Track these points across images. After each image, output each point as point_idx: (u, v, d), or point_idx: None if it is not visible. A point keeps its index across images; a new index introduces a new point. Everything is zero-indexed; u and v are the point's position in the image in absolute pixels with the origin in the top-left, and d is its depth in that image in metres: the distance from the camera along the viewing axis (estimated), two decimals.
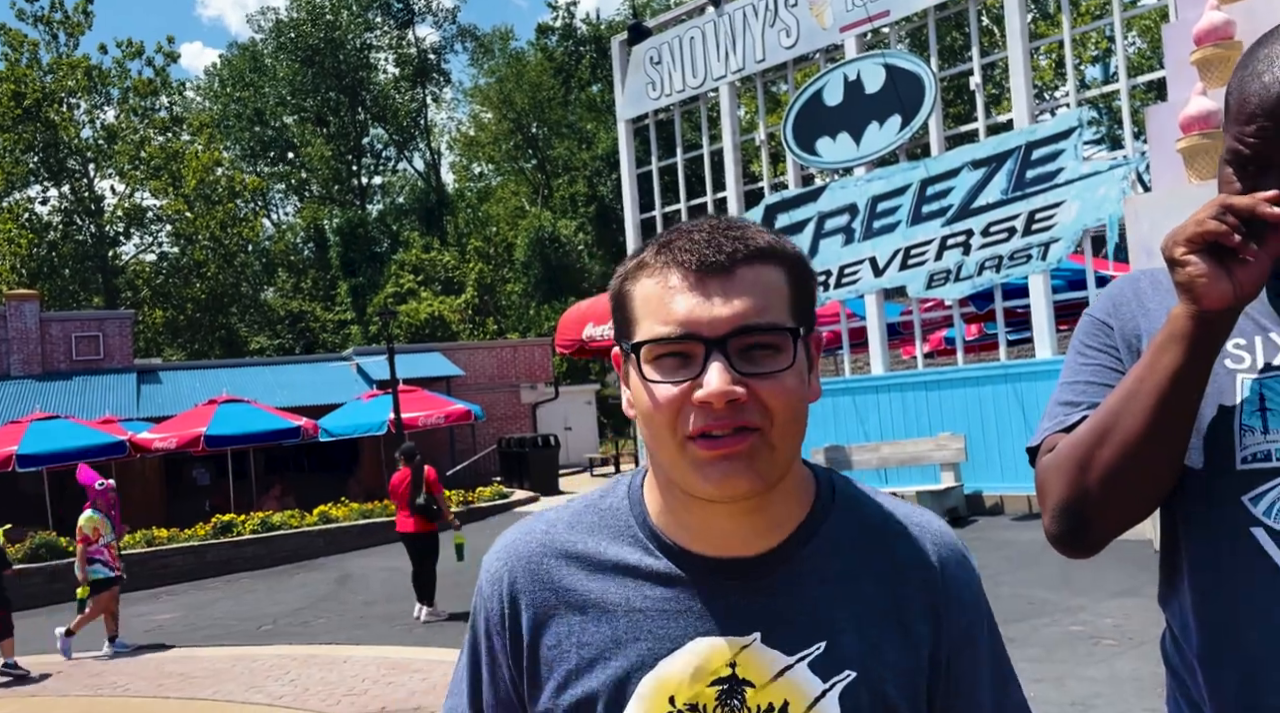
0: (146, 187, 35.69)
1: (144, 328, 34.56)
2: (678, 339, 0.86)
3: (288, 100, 40.96)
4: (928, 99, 11.23)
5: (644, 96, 14.19)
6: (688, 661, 0.89)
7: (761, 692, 0.88)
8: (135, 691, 6.94)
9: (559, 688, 0.92)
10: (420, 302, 32.58)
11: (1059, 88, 26.70)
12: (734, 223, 0.90)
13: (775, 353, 0.86)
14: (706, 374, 0.84)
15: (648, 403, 0.88)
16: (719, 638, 0.89)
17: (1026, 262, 10.33)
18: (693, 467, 0.86)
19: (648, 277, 0.89)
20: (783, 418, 0.86)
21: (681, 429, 0.85)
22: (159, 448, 15.98)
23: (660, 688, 0.89)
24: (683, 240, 0.88)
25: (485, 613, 0.98)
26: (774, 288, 0.88)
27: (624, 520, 0.96)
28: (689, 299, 0.86)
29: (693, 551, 0.92)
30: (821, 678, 0.89)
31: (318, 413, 18.00)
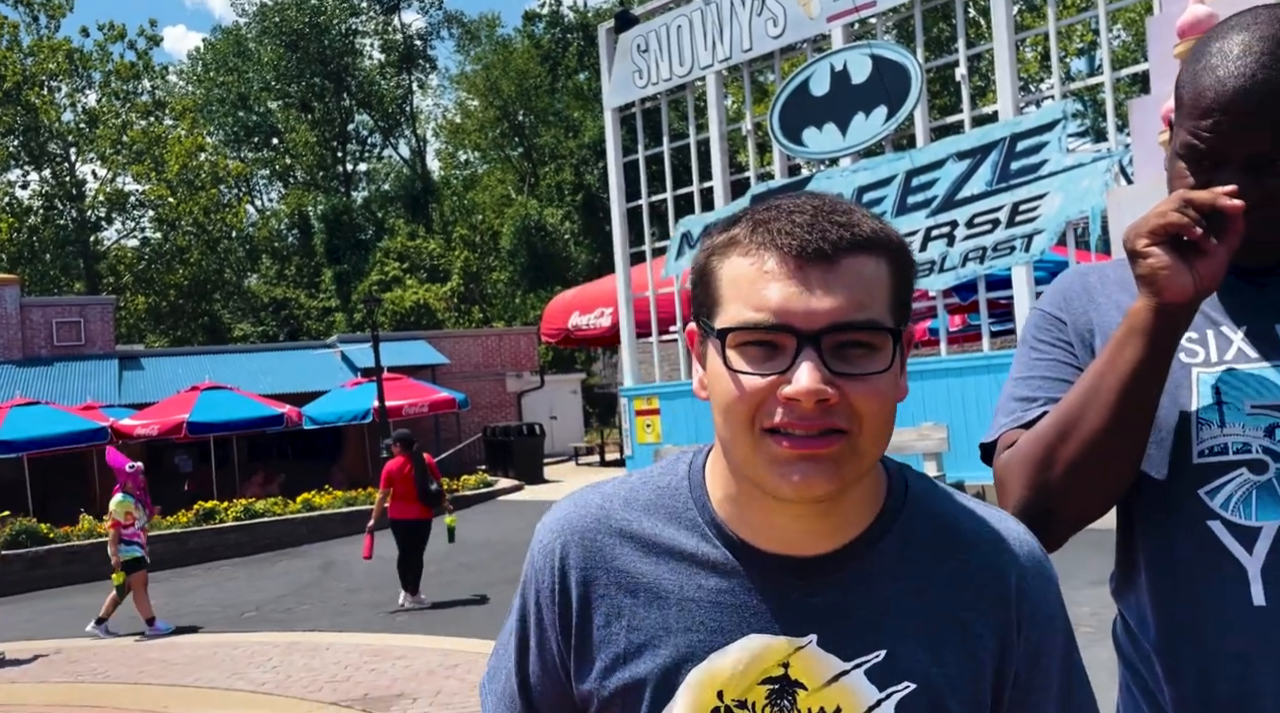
0: (128, 171, 35.38)
1: (126, 314, 34.30)
2: (769, 328, 0.80)
3: (272, 85, 40.63)
4: (914, 90, 11.25)
5: (631, 85, 14.16)
6: (739, 657, 0.85)
7: (814, 695, 0.85)
8: (116, 677, 6.92)
9: (606, 670, 0.89)
10: (405, 289, 32.46)
11: (1044, 80, 26.79)
12: (838, 205, 0.84)
13: (872, 353, 0.81)
14: (797, 370, 0.78)
15: (730, 391, 0.82)
16: (774, 637, 0.86)
17: (1010, 253, 10.38)
18: (769, 464, 0.81)
19: (741, 255, 0.83)
20: (873, 423, 0.81)
21: (761, 422, 0.80)
22: (141, 435, 15.89)
23: (709, 681, 0.85)
24: (783, 221, 0.82)
25: (536, 584, 0.94)
26: (876, 281, 0.82)
27: (683, 503, 0.91)
28: (785, 287, 0.80)
29: (754, 545, 0.87)
30: (879, 687, 0.85)
31: (301, 400, 17.94)
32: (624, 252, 14.52)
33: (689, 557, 0.89)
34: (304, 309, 37.27)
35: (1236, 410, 1.08)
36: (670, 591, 0.88)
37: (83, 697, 6.40)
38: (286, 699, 5.91)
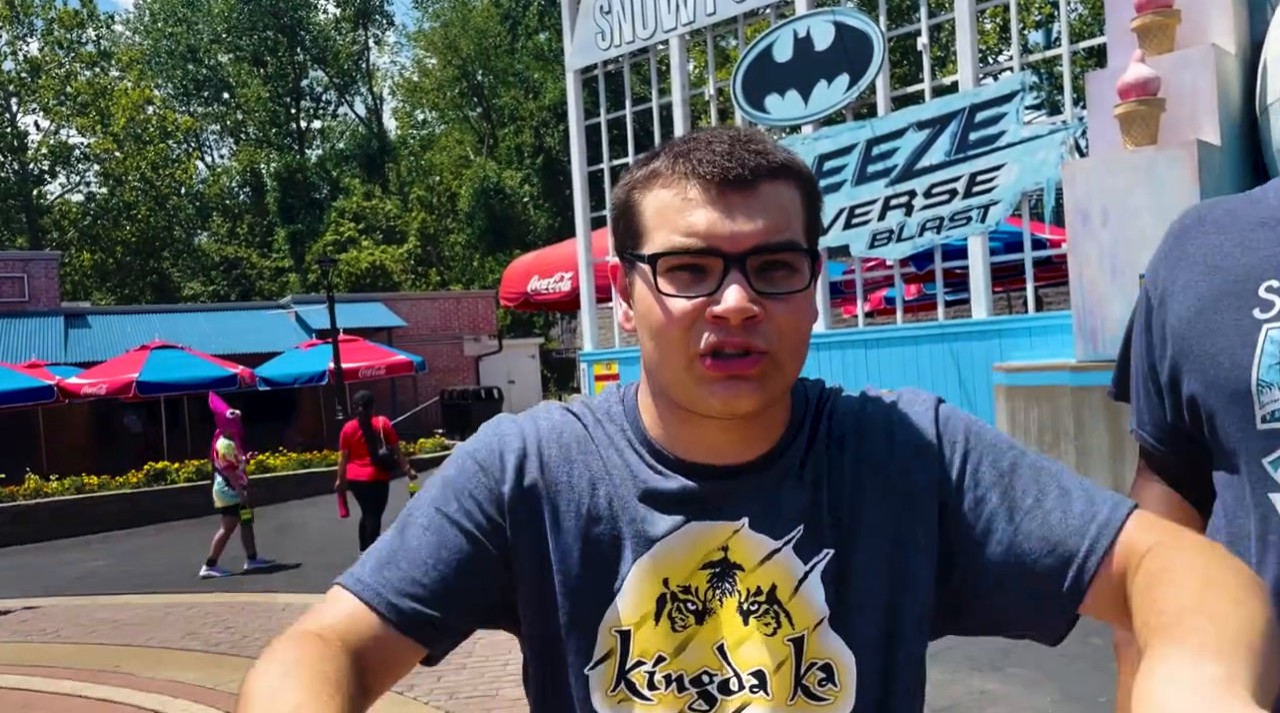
0: (73, 124, 34.29)
1: (71, 271, 33.42)
2: (698, 252, 0.83)
3: (223, 38, 39.48)
4: (876, 58, 11.28)
5: (593, 47, 14.01)
6: (681, 544, 0.90)
7: (750, 575, 0.90)
8: (66, 637, 6.85)
9: (558, 564, 0.91)
10: (361, 251, 32.00)
11: (1002, 52, 26.98)
12: (752, 135, 0.88)
13: (791, 273, 0.85)
14: (725, 290, 0.83)
15: (659, 316, 0.86)
16: (712, 522, 0.90)
17: (966, 223, 10.51)
18: (699, 383, 0.85)
19: (663, 187, 0.86)
20: (793, 340, 0.85)
21: (693, 346, 0.84)
22: (88, 394, 15.56)
23: (654, 570, 0.89)
24: (703, 151, 0.85)
25: (474, 470, 0.93)
26: (792, 206, 0.86)
27: (619, 425, 0.96)
28: (710, 212, 0.83)
29: (688, 459, 0.92)
30: (803, 560, 0.90)
31: (254, 361, 17.68)
32: (585, 216, 14.46)
33: (629, 464, 0.93)
34: (256, 269, 36.58)
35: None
36: (612, 487, 0.92)
37: (34, 656, 6.32)
38: (242, 659, 5.89)
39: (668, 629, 0.89)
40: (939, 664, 4.61)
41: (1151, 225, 7.18)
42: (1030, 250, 10.07)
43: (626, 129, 13.87)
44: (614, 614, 0.90)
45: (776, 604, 0.89)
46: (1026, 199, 10.18)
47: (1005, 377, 9.04)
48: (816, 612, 0.89)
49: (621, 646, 0.90)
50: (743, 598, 0.89)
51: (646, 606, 0.90)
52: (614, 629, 0.90)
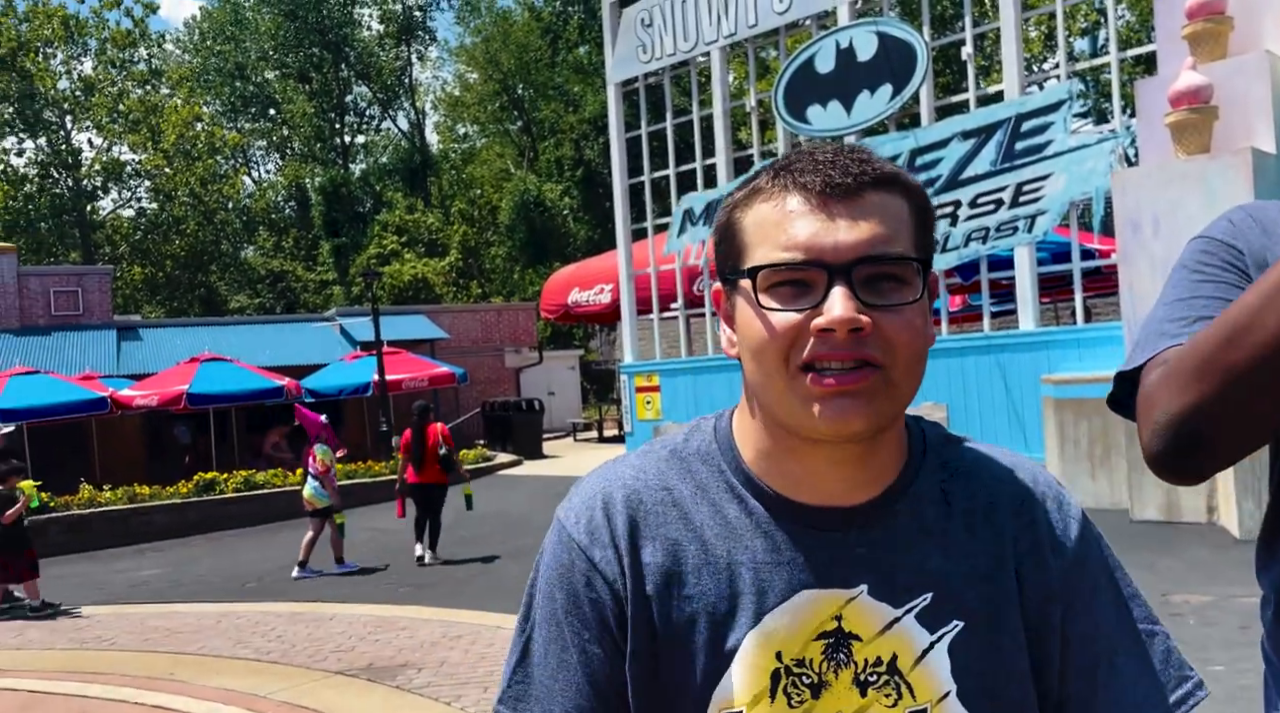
0: (125, 140, 35.17)
1: (122, 284, 34.21)
2: (799, 265, 0.79)
3: (269, 55, 40.32)
4: (919, 68, 11.21)
5: (634, 60, 14.08)
6: (793, 615, 0.84)
7: (869, 645, 0.85)
8: (121, 644, 6.98)
9: (662, 643, 0.86)
10: (404, 263, 32.40)
11: (1047, 59, 26.66)
12: (857, 146, 0.84)
13: (901, 285, 0.80)
14: (829, 301, 0.77)
15: (761, 332, 0.81)
16: (824, 590, 0.85)
17: (1013, 233, 10.39)
18: (804, 401, 0.79)
19: (763, 202, 0.83)
20: (906, 355, 0.80)
21: (795, 360, 0.79)
22: (140, 405, 15.90)
23: (767, 644, 0.84)
24: (804, 162, 0.82)
25: (576, 565, 0.88)
26: (900, 217, 0.82)
27: (715, 465, 0.89)
28: (811, 223, 0.80)
29: (793, 499, 0.86)
30: (929, 630, 0.85)
31: (300, 373, 17.95)
32: (625, 228, 14.50)
33: (731, 520, 0.87)
34: (301, 282, 37.20)
35: None
36: (718, 555, 0.86)
37: (90, 663, 6.45)
38: (291, 668, 5.97)
39: (784, 707, 0.84)
40: None
41: None
42: (1079, 261, 9.93)
43: (667, 141, 13.94)
44: (724, 694, 0.85)
45: (897, 675, 0.85)
46: (1075, 209, 10.04)
47: (1054, 389, 8.90)
48: (941, 685, 0.84)
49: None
50: (860, 669, 0.84)
51: (760, 683, 0.84)
52: (725, 711, 0.85)
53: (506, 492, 14.11)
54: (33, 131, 34.43)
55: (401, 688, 5.38)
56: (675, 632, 0.85)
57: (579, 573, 0.88)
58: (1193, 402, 0.91)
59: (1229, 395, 0.89)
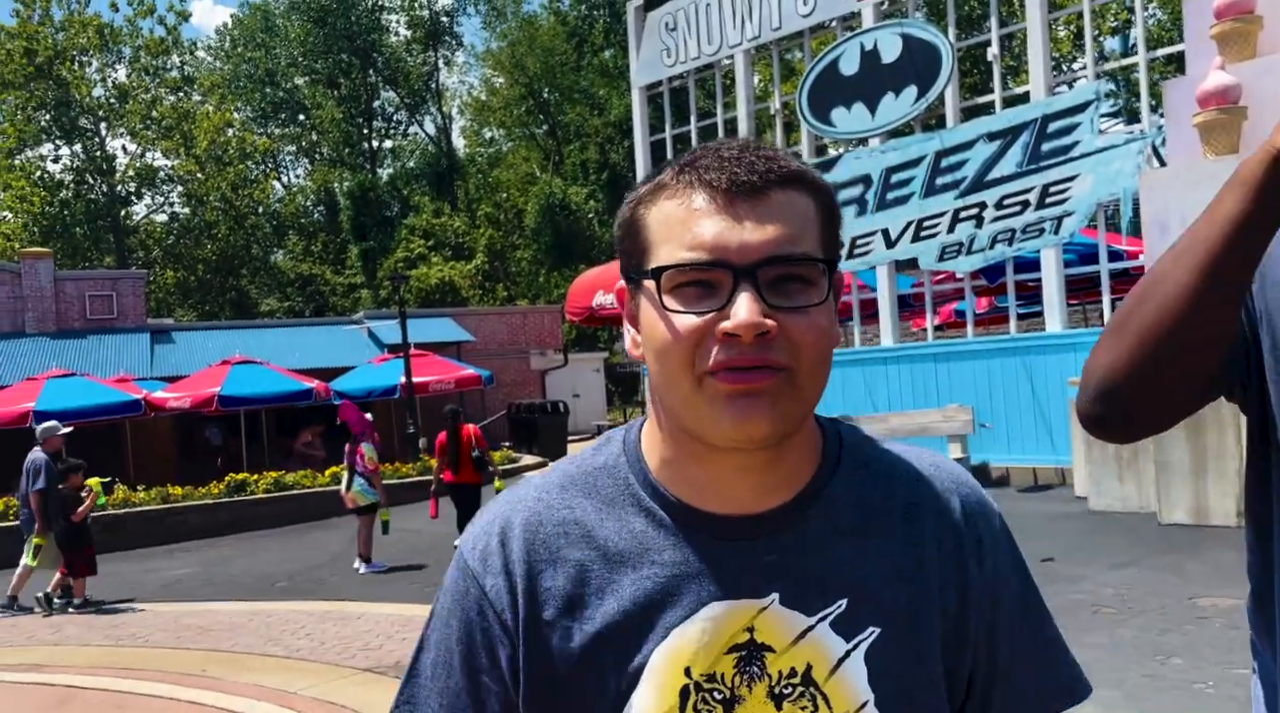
0: (158, 147, 35.73)
1: (155, 288, 34.73)
2: (704, 265, 0.77)
3: (299, 61, 40.79)
4: (944, 70, 11.18)
5: (659, 63, 14.14)
6: (703, 628, 0.81)
7: (783, 656, 0.82)
8: (155, 642, 7.12)
9: (566, 668, 0.83)
10: (430, 267, 32.66)
11: (1077, 59, 26.42)
12: (764, 144, 0.82)
13: (807, 286, 0.79)
14: (734, 304, 0.76)
15: (665, 335, 0.78)
16: (734, 601, 0.82)
17: (1039, 235, 10.33)
18: (709, 403, 0.77)
19: (668, 198, 0.80)
20: (811, 357, 0.78)
21: (700, 364, 0.77)
22: (173, 407, 16.15)
23: (675, 659, 0.81)
24: (709, 158, 0.80)
25: (473, 597, 0.87)
26: (807, 216, 0.80)
27: (622, 479, 0.87)
28: (717, 222, 0.77)
29: (701, 508, 0.84)
30: (845, 637, 0.82)
31: (329, 375, 18.16)
32: None
33: (637, 534, 0.85)
34: (330, 285, 37.59)
35: None
36: (623, 572, 0.83)
37: (125, 660, 6.59)
38: (321, 665, 6.07)
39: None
40: None
41: None
42: (1106, 262, 9.86)
43: (691, 144, 13.99)
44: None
45: (813, 686, 0.82)
46: (1102, 210, 9.97)
47: None
48: (859, 694, 0.82)
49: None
50: (774, 681, 0.81)
51: (668, 701, 0.81)
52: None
53: None
54: (68, 138, 35.06)
55: None
56: (578, 656, 0.82)
57: (472, 600, 0.87)
58: (1109, 359, 0.96)
59: (1139, 350, 0.93)
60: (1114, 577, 6.34)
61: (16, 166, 33.76)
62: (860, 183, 11.91)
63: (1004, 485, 10.69)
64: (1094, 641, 5.05)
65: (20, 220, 33.21)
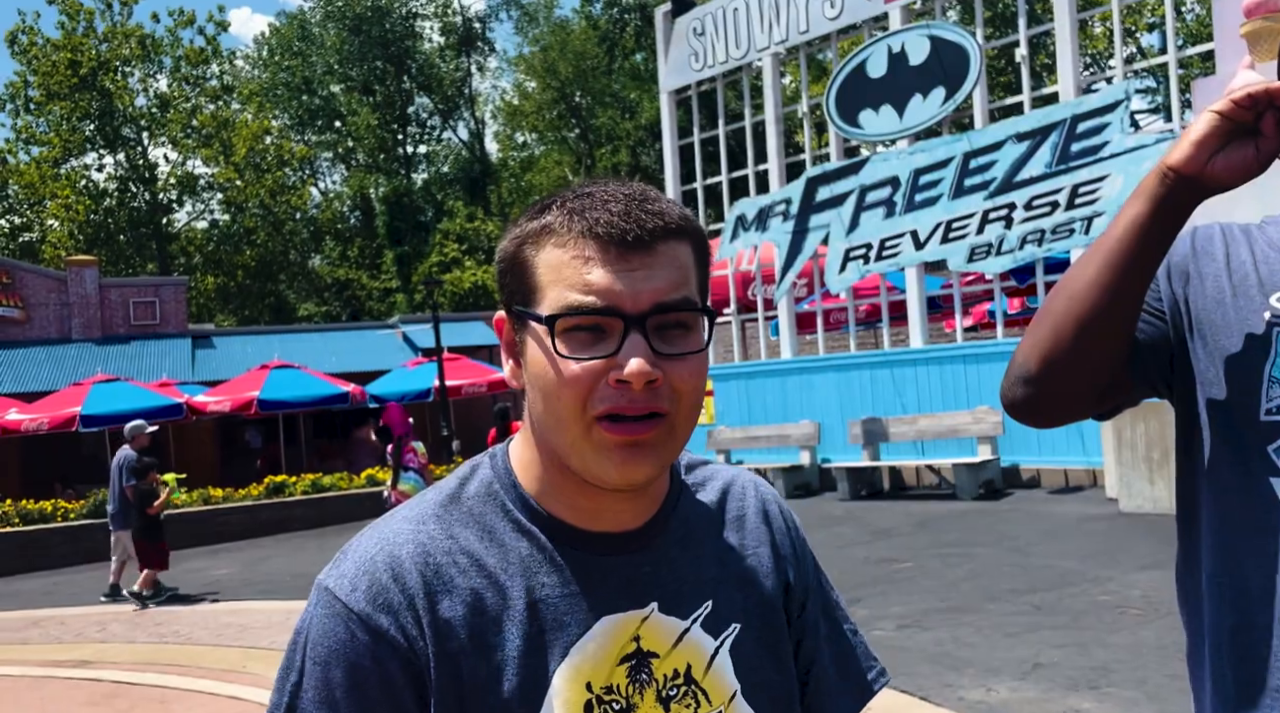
0: (198, 155, 36.41)
1: (196, 294, 35.38)
2: (598, 312, 0.81)
3: (335, 69, 41.36)
4: (972, 71, 11.16)
5: (687, 67, 14.23)
6: (598, 643, 0.86)
7: (666, 660, 0.88)
8: (197, 639, 7.33)
9: (473, 702, 0.83)
10: (464, 271, 32.97)
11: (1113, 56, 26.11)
12: (648, 194, 0.86)
13: (688, 332, 0.84)
14: (626, 353, 0.80)
15: (553, 379, 0.82)
16: (620, 614, 0.88)
17: (1069, 236, 10.28)
18: (596, 450, 0.82)
19: (556, 245, 0.84)
20: (689, 402, 0.84)
21: (591, 410, 0.81)
22: (214, 411, 16.50)
23: (576, 676, 0.85)
24: (599, 211, 0.83)
25: (367, 641, 0.83)
26: (688, 265, 0.85)
27: (498, 503, 0.90)
28: (608, 272, 0.81)
29: (579, 527, 0.89)
30: (713, 635, 0.90)
31: (364, 379, 18.44)
32: None
33: (523, 557, 0.87)
34: (366, 290, 38.07)
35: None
36: (515, 597, 0.86)
37: (169, 656, 6.81)
38: None
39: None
40: (1035, 683, 4.58)
41: None
42: None
43: (720, 147, 14.05)
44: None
45: (694, 684, 0.89)
46: None
47: None
48: (729, 686, 0.90)
49: None
50: (660, 685, 0.88)
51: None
52: None
53: None
54: (112, 148, 35.83)
55: None
56: (484, 684, 0.83)
57: (360, 647, 0.83)
58: (1027, 345, 1.10)
59: (1050, 337, 1.07)
60: (1141, 578, 6.33)
61: (62, 176, 34.58)
62: (888, 185, 11.91)
63: (1034, 487, 10.63)
64: (1118, 641, 5.07)
65: (66, 229, 34.01)
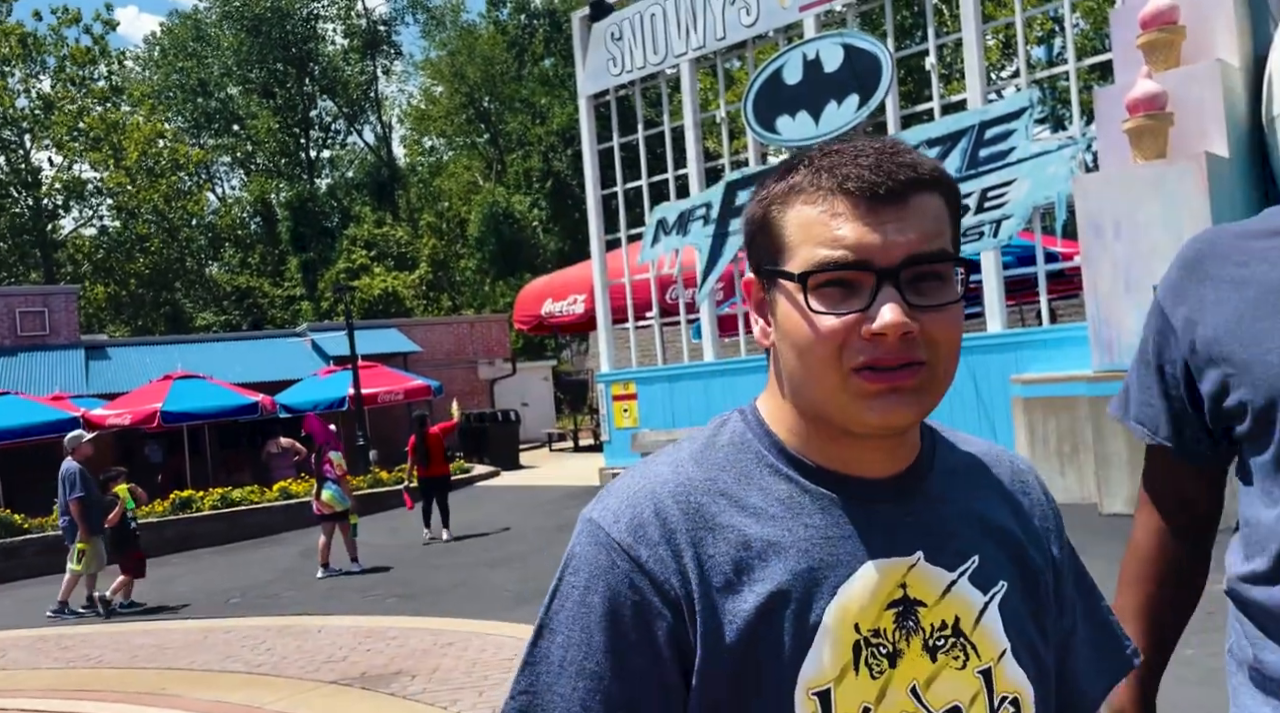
0: (86, 158, 34.75)
1: (86, 303, 33.75)
2: (849, 267, 0.81)
3: (233, 71, 40.07)
4: (884, 79, 11.46)
5: (605, 73, 14.24)
6: (864, 585, 0.85)
7: (933, 610, 0.87)
8: (109, 662, 6.97)
9: (739, 636, 0.83)
10: (373, 277, 32.30)
11: (1005, 68, 27.21)
12: (899, 147, 0.85)
13: (943, 284, 0.83)
14: (880, 306, 0.80)
15: (809, 334, 0.83)
16: (887, 560, 0.86)
17: (979, 238, 10.65)
18: (856, 399, 0.82)
19: (806, 203, 0.84)
20: (947, 351, 0.84)
21: (847, 362, 0.82)
22: (113, 424, 15.75)
23: (845, 617, 0.84)
24: (849, 166, 0.83)
25: (626, 569, 0.84)
26: (941, 217, 0.84)
27: (753, 452, 0.90)
28: (859, 226, 0.81)
29: (841, 471, 0.88)
30: (982, 590, 0.89)
31: (273, 389, 17.87)
32: (599, 239, 14.64)
33: (785, 500, 0.87)
34: (268, 298, 36.92)
35: None
36: (781, 536, 0.86)
37: (78, 681, 6.45)
38: (284, 679, 6.01)
39: (868, 678, 0.84)
40: None
41: (1164, 237, 7.31)
42: (1043, 264, 10.20)
43: (639, 152, 14.10)
44: (811, 672, 0.84)
45: (962, 637, 0.87)
46: (1038, 213, 10.32)
47: (1023, 389, 9.15)
48: (999, 643, 0.88)
49: (822, 708, 0.84)
50: (928, 634, 0.87)
51: (844, 657, 0.84)
52: (811, 692, 0.83)
53: (486, 503, 14.14)
54: None
55: (397, 695, 5.44)
56: (753, 621, 0.83)
57: (621, 574, 0.84)
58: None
59: None
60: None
61: None
62: None
63: None
64: None
65: None
